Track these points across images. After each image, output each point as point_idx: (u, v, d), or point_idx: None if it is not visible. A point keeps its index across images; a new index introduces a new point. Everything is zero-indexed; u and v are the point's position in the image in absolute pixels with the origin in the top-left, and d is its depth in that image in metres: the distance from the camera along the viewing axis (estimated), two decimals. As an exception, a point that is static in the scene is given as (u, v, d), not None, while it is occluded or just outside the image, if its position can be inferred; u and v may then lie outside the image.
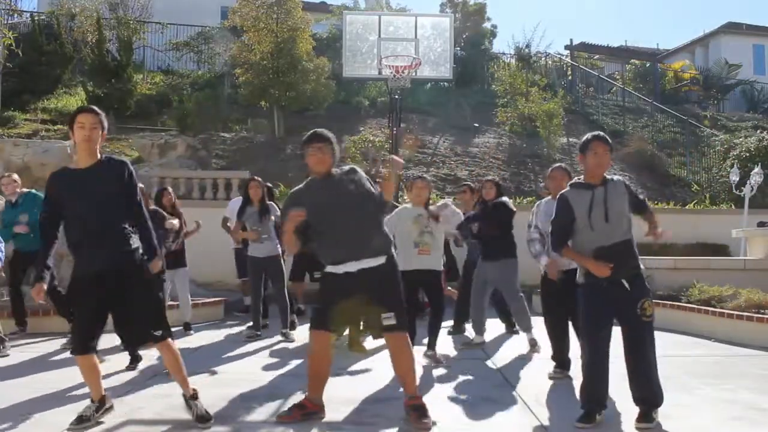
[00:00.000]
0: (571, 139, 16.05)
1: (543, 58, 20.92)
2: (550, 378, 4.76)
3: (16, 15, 17.48)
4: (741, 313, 6.39)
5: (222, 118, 15.41)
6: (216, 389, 4.46)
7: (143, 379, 4.77)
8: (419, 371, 5.11)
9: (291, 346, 6.19)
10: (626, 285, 3.51)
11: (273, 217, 6.35)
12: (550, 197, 4.87)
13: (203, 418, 3.57)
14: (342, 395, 4.30)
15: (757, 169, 11.22)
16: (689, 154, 16.09)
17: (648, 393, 3.56)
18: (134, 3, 18.62)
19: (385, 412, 3.86)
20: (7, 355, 5.63)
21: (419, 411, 3.61)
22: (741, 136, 15.11)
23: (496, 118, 16.44)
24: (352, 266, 3.64)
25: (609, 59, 26.41)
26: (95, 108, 3.60)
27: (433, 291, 5.47)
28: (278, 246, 6.36)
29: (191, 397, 3.65)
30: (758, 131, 15.27)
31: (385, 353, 5.69)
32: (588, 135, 3.75)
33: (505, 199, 5.98)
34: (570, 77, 21.52)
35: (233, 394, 4.31)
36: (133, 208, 3.60)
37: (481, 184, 6.47)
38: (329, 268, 3.76)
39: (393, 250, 3.82)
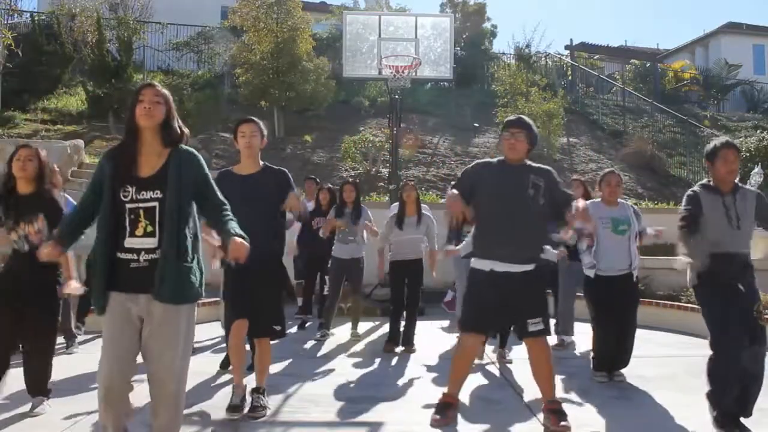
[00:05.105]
0: (571, 139, 16.06)
1: (543, 58, 20.90)
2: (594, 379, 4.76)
3: (16, 15, 17.47)
4: (741, 313, 6.38)
5: (222, 118, 15.40)
6: (217, 388, 4.47)
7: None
8: (415, 368, 5.12)
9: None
10: (741, 288, 3.44)
11: (366, 221, 6.45)
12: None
13: (234, 408, 3.74)
14: (342, 395, 4.31)
15: (757, 169, 11.21)
16: (689, 154, 16.11)
17: None
18: (134, 3, 18.58)
19: (385, 411, 3.86)
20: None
21: (557, 414, 3.59)
22: (741, 136, 15.11)
23: (496, 118, 16.40)
24: (510, 267, 3.56)
25: (609, 59, 26.41)
26: (255, 118, 3.98)
27: None
28: (362, 249, 6.55)
29: (254, 390, 3.84)
30: (758, 131, 15.27)
31: (382, 352, 5.76)
32: (716, 141, 3.61)
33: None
34: (570, 77, 21.49)
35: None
36: (277, 213, 3.90)
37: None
38: (478, 264, 3.68)
39: (543, 255, 3.70)
